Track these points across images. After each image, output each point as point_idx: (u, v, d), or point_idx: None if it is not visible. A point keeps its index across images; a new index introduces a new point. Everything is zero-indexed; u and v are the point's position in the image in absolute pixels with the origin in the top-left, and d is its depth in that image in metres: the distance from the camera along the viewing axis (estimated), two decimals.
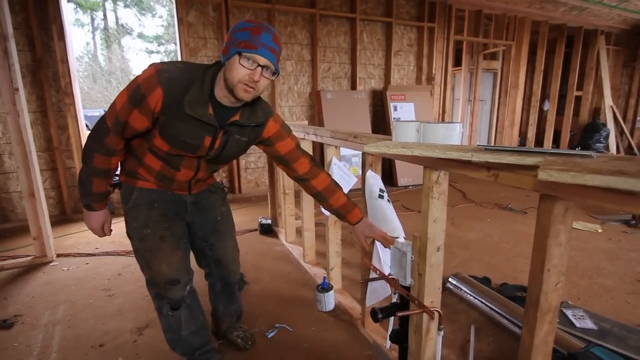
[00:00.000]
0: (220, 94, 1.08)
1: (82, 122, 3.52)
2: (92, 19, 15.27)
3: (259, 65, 1.01)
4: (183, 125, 1.08)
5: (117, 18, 15.76)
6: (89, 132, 1.16)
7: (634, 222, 3.15)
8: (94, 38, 15.71)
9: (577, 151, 0.76)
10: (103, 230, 1.32)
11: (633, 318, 1.84)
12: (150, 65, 1.05)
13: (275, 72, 1.06)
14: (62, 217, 3.50)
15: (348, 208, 1.37)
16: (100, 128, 1.12)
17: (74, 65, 3.45)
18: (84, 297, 2.10)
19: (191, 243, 1.40)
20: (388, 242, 1.31)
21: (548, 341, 0.92)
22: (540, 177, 0.63)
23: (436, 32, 5.10)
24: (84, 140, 3.51)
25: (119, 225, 1.85)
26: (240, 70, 1.00)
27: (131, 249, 2.76)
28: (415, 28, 5.10)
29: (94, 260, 2.61)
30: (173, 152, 1.15)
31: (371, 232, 1.36)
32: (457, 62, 5.74)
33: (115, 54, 15.57)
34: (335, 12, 4.46)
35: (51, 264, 2.54)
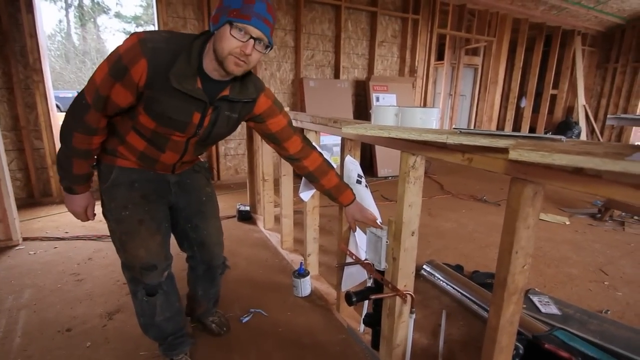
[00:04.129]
0: (210, 66, 1.00)
1: (52, 101, 3.35)
2: None
3: (251, 37, 0.93)
4: (170, 101, 0.99)
5: None
6: (67, 109, 1.06)
7: (599, 215, 3.30)
8: (67, 15, 14.96)
9: (548, 135, 0.78)
10: (86, 215, 1.24)
11: (594, 304, 1.93)
12: (132, 35, 0.94)
13: (269, 46, 0.98)
14: (29, 201, 3.34)
15: (340, 189, 1.36)
16: (79, 104, 1.02)
17: (43, 40, 3.27)
18: (52, 281, 2.02)
19: (174, 225, 1.33)
20: (378, 226, 1.34)
21: (514, 321, 0.95)
22: (511, 156, 0.64)
23: (420, 24, 5.12)
24: (53, 119, 3.35)
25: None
26: (231, 41, 0.92)
27: (103, 233, 2.67)
28: (400, 19, 5.10)
29: (63, 244, 2.51)
30: (159, 130, 1.06)
31: (362, 217, 1.38)
32: (440, 56, 5.80)
33: (90, 34, 14.90)
34: None
35: (17, 247, 2.44)
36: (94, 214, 1.27)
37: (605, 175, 0.62)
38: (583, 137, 7.01)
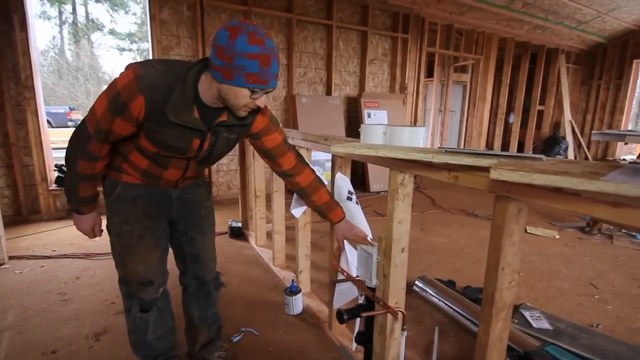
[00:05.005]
0: (208, 98, 1.03)
1: (43, 118, 3.34)
2: (60, 12, 14.65)
3: (265, 92, 1.01)
4: (169, 131, 1.03)
5: (87, 13, 15.20)
6: (70, 135, 1.10)
7: (588, 229, 3.34)
8: (61, 32, 15.06)
9: (529, 154, 0.80)
10: (94, 232, 1.29)
11: (585, 318, 1.94)
12: (128, 68, 0.98)
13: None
14: (17, 218, 3.29)
15: (330, 206, 1.37)
16: (81, 134, 1.07)
17: (36, 57, 3.28)
18: (37, 301, 1.98)
19: (170, 237, 1.33)
20: (368, 243, 1.34)
21: (503, 338, 0.95)
22: (492, 176, 0.66)
23: (410, 43, 5.26)
24: (44, 136, 3.34)
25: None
26: (247, 99, 0.99)
27: (92, 251, 2.63)
28: (390, 38, 5.23)
29: (50, 263, 2.46)
30: (161, 153, 1.11)
31: (352, 235, 1.39)
32: (430, 74, 5.93)
33: (84, 50, 14.98)
34: (312, 18, 4.50)
35: (2, 266, 2.38)
36: (101, 231, 1.31)
37: (583, 194, 0.64)
38: (570, 151, 7.16)
